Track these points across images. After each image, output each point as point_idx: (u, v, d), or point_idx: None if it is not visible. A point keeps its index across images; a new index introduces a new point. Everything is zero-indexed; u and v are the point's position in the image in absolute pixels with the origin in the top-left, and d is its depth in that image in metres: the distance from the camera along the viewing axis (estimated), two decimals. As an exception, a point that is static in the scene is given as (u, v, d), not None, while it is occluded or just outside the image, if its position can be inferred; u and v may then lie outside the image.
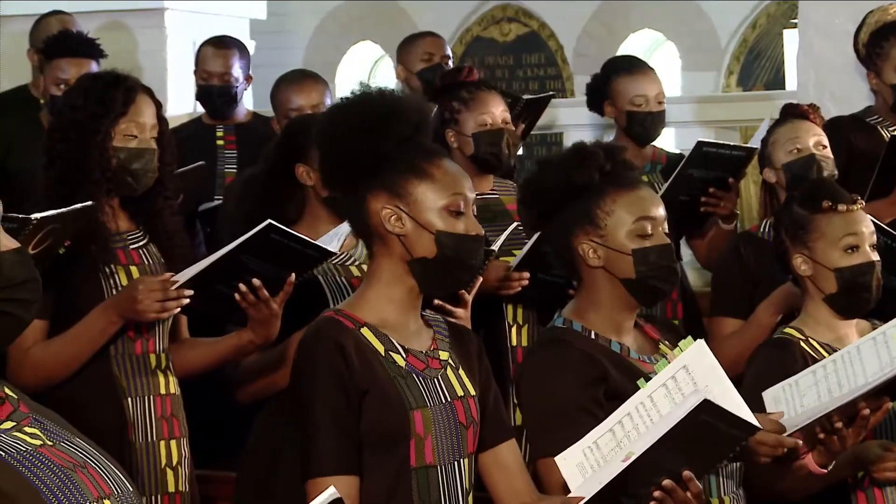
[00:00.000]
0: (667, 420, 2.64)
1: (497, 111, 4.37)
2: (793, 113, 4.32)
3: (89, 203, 3.35)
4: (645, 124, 4.91)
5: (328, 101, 4.91)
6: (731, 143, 4.85)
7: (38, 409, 2.02)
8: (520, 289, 4.04)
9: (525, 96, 5.38)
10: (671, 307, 4.64)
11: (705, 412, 2.60)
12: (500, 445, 2.78)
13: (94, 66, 5.13)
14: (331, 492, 1.93)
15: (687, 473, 2.65)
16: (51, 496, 1.87)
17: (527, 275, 4.00)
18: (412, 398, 2.66)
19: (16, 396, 2.00)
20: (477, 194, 4.28)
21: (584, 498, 2.64)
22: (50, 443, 1.96)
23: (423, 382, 2.69)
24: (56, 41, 5.19)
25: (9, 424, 1.94)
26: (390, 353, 2.68)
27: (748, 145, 4.76)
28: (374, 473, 2.63)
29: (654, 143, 5.10)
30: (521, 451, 2.88)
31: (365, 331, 2.68)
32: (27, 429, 1.96)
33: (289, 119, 4.73)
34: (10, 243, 1.93)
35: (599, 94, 5.01)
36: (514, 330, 4.22)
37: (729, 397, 2.71)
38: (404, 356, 2.69)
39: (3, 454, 1.88)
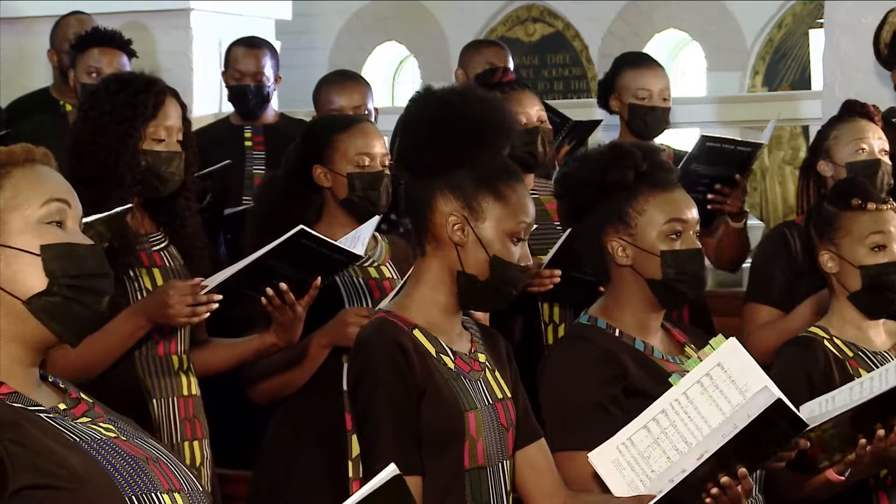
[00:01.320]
0: (735, 417, 2.65)
1: (532, 110, 4.37)
2: (858, 112, 4.27)
3: (129, 206, 3.37)
4: (646, 118, 4.86)
5: (370, 103, 4.91)
6: (737, 139, 4.78)
7: (112, 413, 2.07)
8: (552, 286, 4.04)
9: (574, 119, 5.39)
10: (676, 314, 4.61)
11: (775, 411, 2.60)
12: (529, 445, 2.78)
13: (124, 60, 5.15)
14: (391, 469, 1.92)
15: (742, 470, 2.65)
16: (122, 482, 1.90)
17: (558, 272, 3.99)
18: (465, 400, 2.66)
19: (91, 400, 2.06)
20: None
21: (654, 497, 2.65)
22: (124, 438, 2.00)
23: (471, 384, 2.69)
24: (88, 34, 5.22)
25: (85, 419, 1.99)
26: (441, 355, 2.68)
27: (753, 141, 4.69)
28: (428, 474, 2.62)
29: (665, 141, 5.09)
30: None
31: (417, 332, 2.67)
32: (102, 424, 2.00)
33: None
34: (86, 241, 2.00)
35: (607, 90, 5.00)
36: (549, 329, 4.22)
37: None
38: (452, 358, 2.69)
39: (78, 440, 1.92)
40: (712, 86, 9.30)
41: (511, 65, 5.76)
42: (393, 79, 10.64)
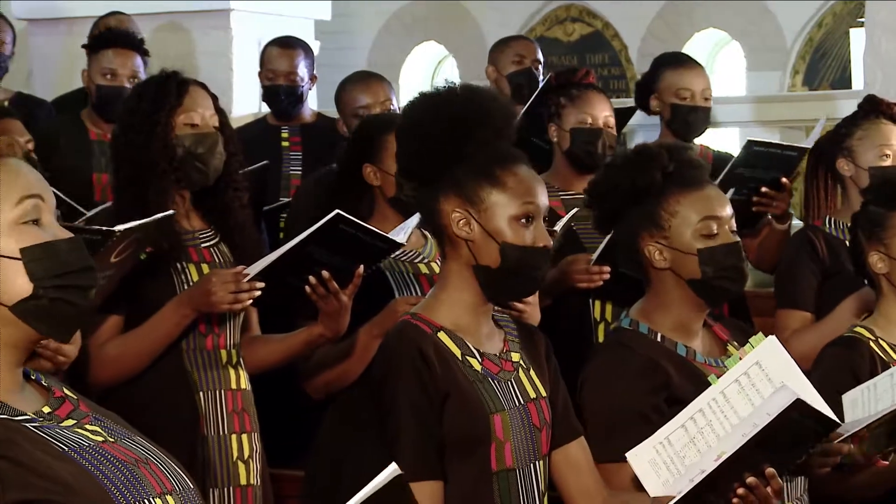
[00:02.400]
0: (755, 417, 2.64)
1: (601, 113, 4.40)
2: (884, 111, 4.23)
3: (170, 213, 3.39)
4: (688, 118, 4.86)
5: (394, 100, 4.94)
6: (783, 143, 4.78)
7: (97, 409, 2.03)
8: (601, 283, 4.04)
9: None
10: (717, 311, 4.58)
11: (797, 410, 2.59)
12: (569, 444, 2.77)
13: (138, 61, 5.17)
14: (392, 469, 1.91)
15: (770, 470, 2.64)
16: (114, 490, 1.87)
17: (608, 269, 3.99)
18: (491, 402, 2.65)
19: (75, 397, 2.01)
20: (572, 193, 4.32)
21: (673, 497, 2.64)
22: (112, 439, 1.96)
23: (499, 386, 2.68)
24: (101, 35, 5.24)
25: (70, 422, 1.95)
26: (467, 357, 2.67)
27: (799, 145, 4.70)
28: (454, 478, 2.61)
29: (704, 142, 5.07)
30: None
31: (442, 335, 2.67)
32: (88, 426, 1.96)
33: (357, 118, 4.77)
34: (64, 233, 1.94)
35: (647, 90, 4.99)
36: (601, 327, 4.22)
37: (806, 393, 2.70)
38: (480, 360, 2.68)
39: (66, 448, 1.88)
40: (752, 85, 9.25)
41: (540, 57, 5.78)
42: (432, 79, 10.63)
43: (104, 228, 3.17)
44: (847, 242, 3.97)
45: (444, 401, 2.62)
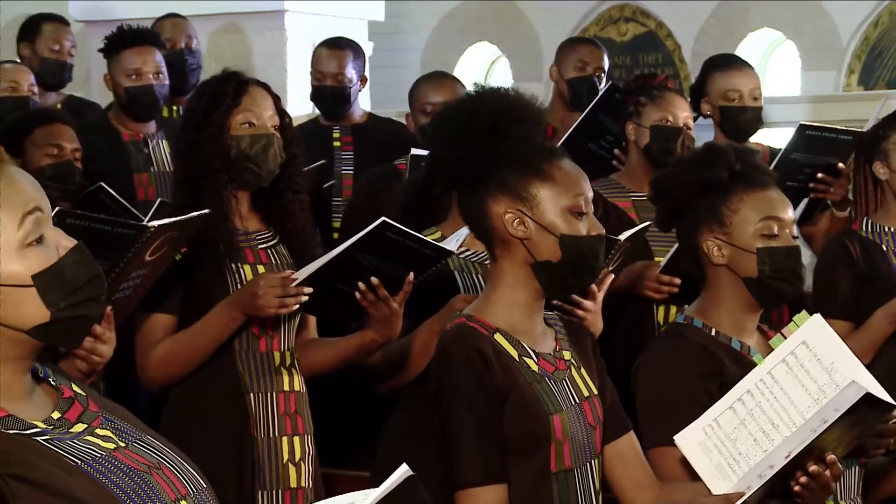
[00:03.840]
0: (824, 413, 2.62)
1: (681, 113, 4.43)
2: None
3: (206, 211, 3.38)
4: (738, 119, 4.84)
5: None
6: (837, 127, 4.70)
7: (107, 405, 2.00)
8: (668, 295, 4.05)
9: None
10: (776, 313, 4.57)
11: (865, 404, 2.59)
12: (619, 438, 2.77)
13: (158, 55, 5.18)
14: (403, 469, 1.88)
15: (831, 457, 2.64)
16: (129, 502, 1.85)
17: (678, 281, 4.00)
18: (550, 403, 2.64)
19: (84, 394, 1.99)
20: (643, 195, 4.32)
21: (744, 494, 2.63)
22: (123, 444, 1.93)
23: (555, 385, 2.67)
24: (115, 37, 5.23)
25: (80, 427, 1.93)
26: (523, 357, 2.66)
27: (854, 129, 4.61)
28: (514, 479, 2.60)
29: (761, 140, 5.05)
30: None
31: (498, 336, 2.66)
32: (99, 431, 1.93)
33: (426, 114, 4.81)
34: (68, 242, 1.90)
35: (698, 94, 4.99)
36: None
37: (858, 374, 2.69)
38: (535, 360, 2.68)
39: (79, 461, 1.86)
40: (807, 85, 9.21)
41: (606, 64, 5.73)
42: (485, 79, 10.65)
43: (138, 223, 3.17)
44: (884, 246, 3.96)
45: (503, 402, 2.61)
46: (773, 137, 6.07)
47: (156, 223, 3.16)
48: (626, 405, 2.86)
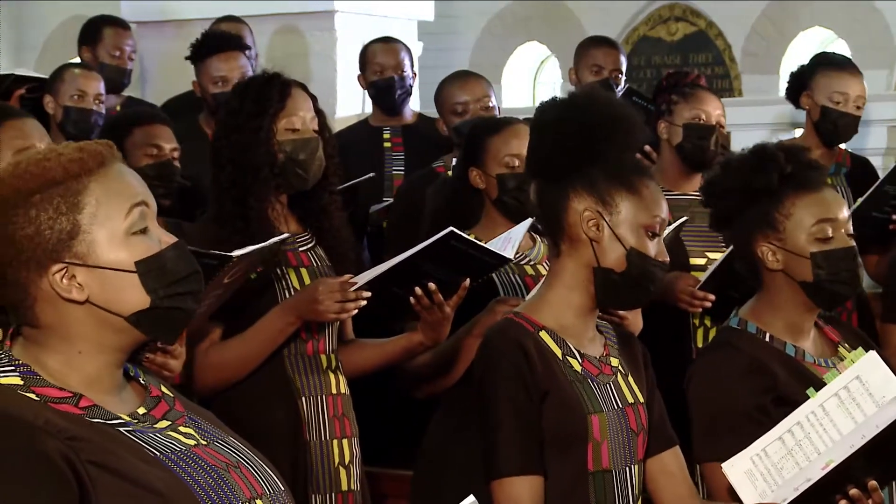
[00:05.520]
0: (864, 428, 2.63)
1: (714, 112, 4.43)
2: None
3: (285, 236, 3.41)
4: (838, 123, 4.84)
5: (493, 97, 4.95)
6: None
7: (192, 407, 2.06)
8: (700, 309, 4.05)
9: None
10: (846, 316, 4.54)
11: None
12: (664, 452, 2.78)
13: (243, 59, 5.20)
14: (470, 500, 1.92)
15: (872, 483, 2.64)
16: (204, 496, 1.89)
17: (712, 297, 4.00)
18: (589, 403, 2.66)
19: (171, 395, 2.05)
20: (677, 194, 4.33)
21: None
22: (204, 442, 1.98)
23: (598, 388, 2.69)
24: (201, 43, 5.26)
25: (164, 423, 1.98)
26: (567, 357, 2.69)
27: None
28: (551, 476, 2.63)
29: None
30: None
31: (543, 334, 2.68)
32: (182, 428, 1.99)
33: (455, 115, 4.80)
34: (169, 238, 1.99)
35: (800, 84, 4.97)
36: (699, 332, 4.22)
37: None
38: (580, 361, 2.70)
39: (158, 454, 1.91)
40: (859, 84, 9.14)
41: (622, 66, 5.67)
42: (534, 79, 10.65)
43: (221, 254, 3.16)
44: None
45: (543, 398, 2.63)
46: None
47: (237, 253, 3.18)
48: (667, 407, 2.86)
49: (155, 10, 7.49)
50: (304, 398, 3.50)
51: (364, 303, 3.39)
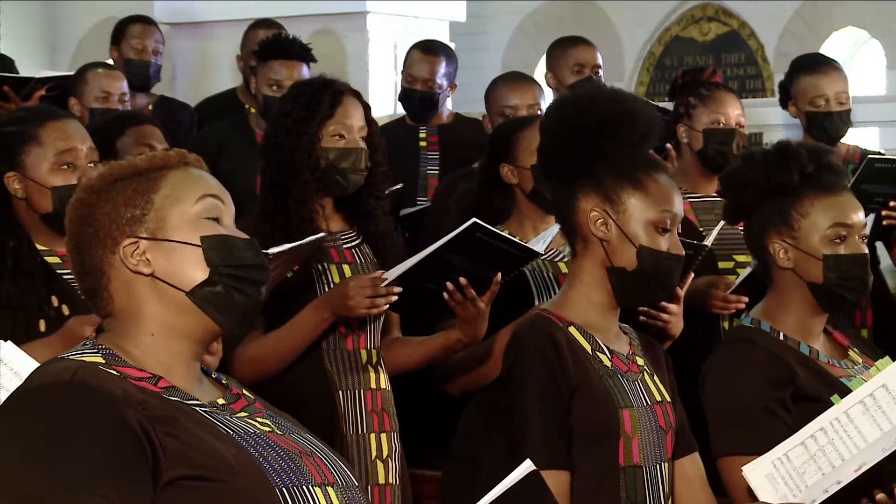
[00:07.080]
0: (894, 434, 2.61)
1: (732, 113, 4.39)
2: None
3: (322, 235, 3.45)
4: (825, 125, 4.80)
5: (543, 103, 4.93)
6: None
7: (272, 409, 2.12)
8: (734, 311, 4.04)
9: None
10: (860, 314, 4.52)
11: None
12: (684, 458, 2.79)
13: (304, 70, 5.20)
14: (527, 465, 1.92)
15: None
16: (274, 474, 1.93)
17: (745, 299, 3.99)
18: (620, 397, 2.67)
19: (252, 396, 2.11)
20: (700, 196, 4.31)
21: None
22: (280, 432, 2.03)
23: (627, 383, 2.70)
24: (269, 44, 5.26)
25: (242, 414, 2.04)
26: (596, 352, 2.69)
27: None
28: (582, 470, 2.63)
29: (850, 140, 5.00)
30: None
31: (572, 329, 2.69)
32: (259, 419, 2.04)
33: (503, 116, 4.78)
34: (242, 235, 2.05)
35: (786, 95, 4.94)
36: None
37: None
38: (609, 356, 2.70)
39: (231, 433, 1.96)
40: (892, 85, 9.10)
41: (600, 61, 5.54)
42: (566, 79, 10.63)
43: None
44: None
45: (573, 392, 2.64)
46: (858, 137, 6.01)
47: (274, 250, 3.22)
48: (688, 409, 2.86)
49: (187, 12, 7.51)
50: (341, 392, 3.54)
51: (395, 298, 3.41)
